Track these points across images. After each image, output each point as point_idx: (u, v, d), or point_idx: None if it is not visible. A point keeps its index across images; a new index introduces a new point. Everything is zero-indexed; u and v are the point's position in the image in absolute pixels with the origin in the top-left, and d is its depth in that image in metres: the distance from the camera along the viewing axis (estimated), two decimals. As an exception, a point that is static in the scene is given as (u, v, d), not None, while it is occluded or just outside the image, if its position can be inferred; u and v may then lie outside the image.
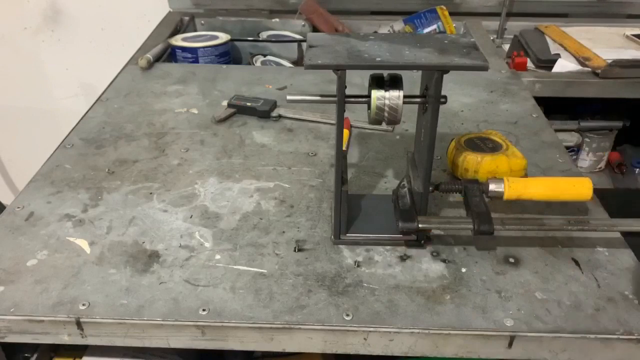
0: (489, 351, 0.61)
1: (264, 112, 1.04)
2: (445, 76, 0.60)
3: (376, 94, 0.63)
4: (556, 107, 1.42)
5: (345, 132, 0.94)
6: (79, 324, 0.62)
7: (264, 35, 1.59)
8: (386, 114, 0.64)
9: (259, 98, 1.07)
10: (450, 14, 1.55)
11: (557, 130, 1.24)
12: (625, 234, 0.73)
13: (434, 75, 0.61)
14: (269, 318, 0.62)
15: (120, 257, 0.70)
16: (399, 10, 1.63)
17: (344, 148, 0.72)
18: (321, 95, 0.65)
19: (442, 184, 0.72)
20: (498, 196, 0.71)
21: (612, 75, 1.28)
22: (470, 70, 0.61)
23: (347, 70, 0.61)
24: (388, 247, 0.72)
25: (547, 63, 1.37)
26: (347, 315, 0.62)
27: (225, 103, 1.08)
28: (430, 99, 0.63)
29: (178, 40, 1.40)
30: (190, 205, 0.80)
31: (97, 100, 1.12)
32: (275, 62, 1.44)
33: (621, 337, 0.60)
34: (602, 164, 1.51)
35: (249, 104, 1.06)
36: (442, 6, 1.55)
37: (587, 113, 1.48)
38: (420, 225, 0.68)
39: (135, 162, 0.91)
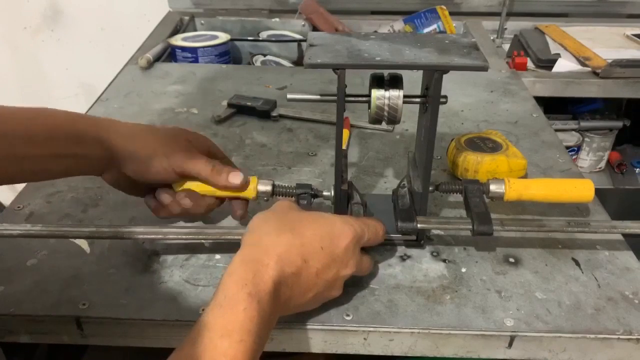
0: (489, 351, 0.61)
1: (264, 112, 1.04)
2: (445, 76, 0.60)
3: (376, 93, 0.63)
4: (556, 107, 1.42)
5: (345, 131, 0.94)
6: (78, 324, 0.62)
7: (264, 35, 1.59)
8: (386, 114, 0.64)
9: (259, 98, 1.07)
10: (450, 13, 1.55)
11: (557, 130, 1.25)
12: (626, 235, 0.73)
13: (434, 75, 0.61)
14: (269, 318, 0.62)
15: (120, 257, 0.70)
16: (399, 10, 1.63)
17: (343, 147, 0.72)
18: (321, 95, 0.65)
19: (442, 184, 0.72)
20: (499, 197, 0.71)
21: (612, 75, 1.28)
22: (470, 70, 0.61)
23: (347, 70, 0.61)
24: (388, 247, 0.72)
25: (547, 63, 1.37)
26: (347, 315, 0.62)
27: (225, 103, 1.08)
28: (430, 99, 0.63)
29: (178, 40, 1.40)
30: (190, 205, 0.80)
31: (97, 100, 1.12)
32: (275, 62, 1.44)
33: (621, 337, 0.60)
34: (602, 164, 1.51)
35: (249, 103, 1.05)
36: (442, 6, 1.55)
37: (587, 113, 1.48)
38: (419, 226, 0.68)
39: (135, 162, 0.90)
